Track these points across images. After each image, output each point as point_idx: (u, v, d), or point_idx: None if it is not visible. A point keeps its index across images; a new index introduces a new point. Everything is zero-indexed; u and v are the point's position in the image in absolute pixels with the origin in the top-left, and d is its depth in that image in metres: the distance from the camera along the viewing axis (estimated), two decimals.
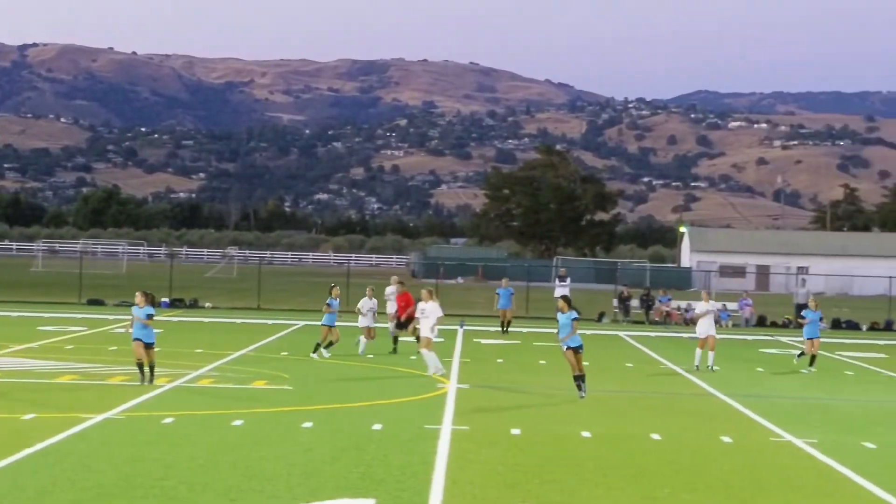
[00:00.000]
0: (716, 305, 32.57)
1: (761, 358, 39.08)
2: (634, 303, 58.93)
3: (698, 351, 32.74)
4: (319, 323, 33.66)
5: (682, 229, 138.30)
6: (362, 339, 34.42)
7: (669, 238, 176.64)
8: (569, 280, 57.18)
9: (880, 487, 16.58)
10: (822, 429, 22.40)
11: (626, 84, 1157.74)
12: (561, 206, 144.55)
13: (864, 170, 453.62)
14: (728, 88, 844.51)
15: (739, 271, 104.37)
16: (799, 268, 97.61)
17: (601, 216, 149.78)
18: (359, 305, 34.69)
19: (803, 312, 34.77)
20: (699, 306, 33.27)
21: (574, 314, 25.79)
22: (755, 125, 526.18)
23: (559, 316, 26.13)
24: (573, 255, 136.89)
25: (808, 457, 19.27)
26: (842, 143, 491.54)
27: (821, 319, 33.23)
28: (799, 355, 34.79)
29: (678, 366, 34.37)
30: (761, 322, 58.20)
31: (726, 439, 20.59)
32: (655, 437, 20.60)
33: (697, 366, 32.61)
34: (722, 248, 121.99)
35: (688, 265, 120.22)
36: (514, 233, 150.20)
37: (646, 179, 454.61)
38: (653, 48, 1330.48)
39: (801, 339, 47.41)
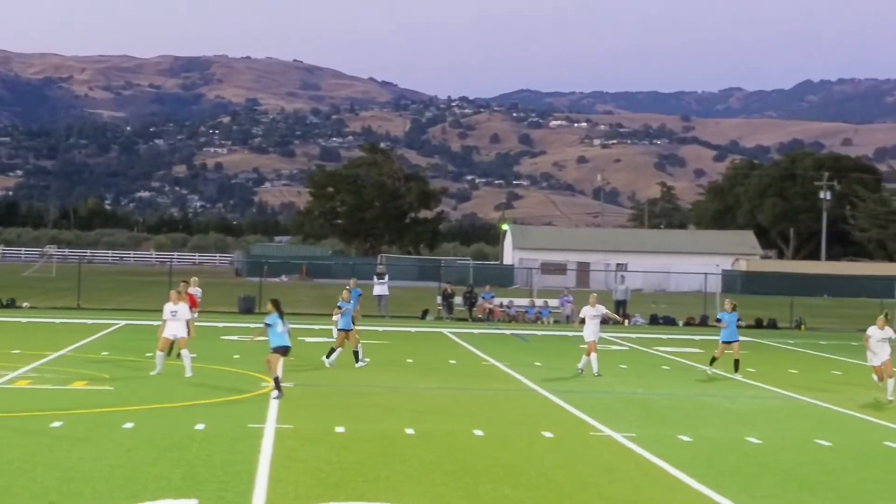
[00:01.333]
0: (602, 310, 32.37)
1: (581, 354, 39.67)
2: (458, 300, 59.35)
3: (585, 357, 32.28)
4: (206, 324, 32.44)
5: (505, 227, 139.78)
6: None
7: (492, 236, 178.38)
8: (387, 278, 57.34)
9: (695, 479, 17.02)
10: (641, 423, 22.87)
11: (449, 83, 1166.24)
12: (385, 204, 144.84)
13: (680, 168, 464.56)
14: (549, 88, 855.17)
15: (560, 268, 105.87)
16: (618, 265, 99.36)
17: (425, 214, 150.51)
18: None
19: (719, 315, 33.77)
20: (585, 310, 32.49)
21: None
22: (575, 124, 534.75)
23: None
24: (397, 253, 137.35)
25: (627, 450, 19.66)
26: (659, 143, 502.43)
27: (738, 321, 32.69)
28: (711, 361, 33.45)
29: (500, 362, 34.75)
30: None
31: (547, 434, 20.89)
32: (478, 433, 20.80)
33: (582, 369, 32.26)
34: (543, 245, 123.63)
35: (510, 263, 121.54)
36: (339, 231, 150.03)
37: (469, 177, 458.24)
38: (476, 48, 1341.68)
39: (623, 335, 48.38)
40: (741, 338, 33.63)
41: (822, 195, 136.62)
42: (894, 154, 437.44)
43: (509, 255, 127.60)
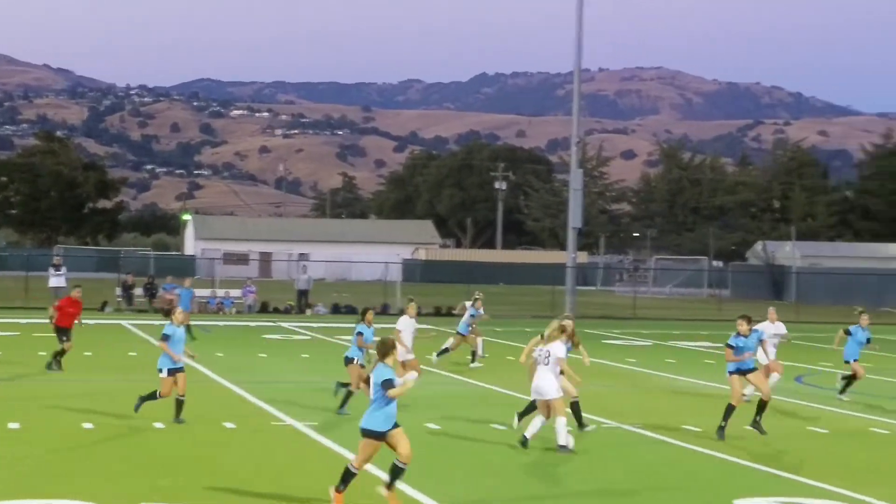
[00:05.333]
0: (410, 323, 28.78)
1: (264, 343, 39.74)
2: (138, 291, 58.40)
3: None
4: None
5: (186, 217, 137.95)
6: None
7: (173, 226, 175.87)
8: (64, 269, 55.89)
9: (377, 466, 17.32)
10: (322, 411, 23.10)
11: (128, 71, 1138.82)
12: (62, 193, 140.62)
13: (361, 158, 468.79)
14: (230, 77, 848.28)
15: (243, 258, 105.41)
16: (300, 254, 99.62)
17: (104, 204, 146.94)
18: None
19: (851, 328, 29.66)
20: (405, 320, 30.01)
21: None
22: (257, 114, 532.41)
23: None
24: (75, 244, 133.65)
25: (309, 439, 19.86)
26: (341, 133, 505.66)
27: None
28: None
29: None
30: (264, 308, 59.12)
31: (229, 426, 20.88)
32: (159, 426, 20.63)
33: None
34: (226, 235, 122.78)
35: (192, 253, 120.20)
36: (14, 221, 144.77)
37: (149, 167, 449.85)
38: (155, 35, 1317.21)
39: (305, 325, 48.52)
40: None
41: (497, 185, 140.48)
42: (565, 146, 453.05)
43: (191, 246, 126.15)
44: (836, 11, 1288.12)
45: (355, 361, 22.95)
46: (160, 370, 21.31)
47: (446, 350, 33.75)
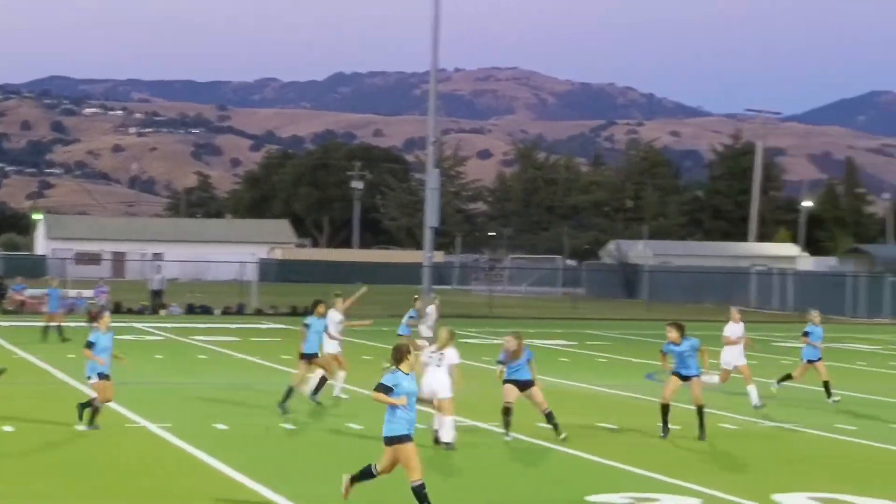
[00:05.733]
0: (337, 317, 27.90)
1: (116, 344, 39.11)
2: None
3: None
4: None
5: (37, 216, 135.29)
6: None
7: (23, 225, 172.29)
8: None
9: (231, 467, 17.25)
10: (177, 413, 22.90)
11: None
12: None
13: (216, 157, 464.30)
14: (83, 74, 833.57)
15: (95, 258, 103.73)
16: (154, 254, 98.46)
17: None
18: None
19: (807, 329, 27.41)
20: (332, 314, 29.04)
21: None
22: (110, 112, 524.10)
23: None
24: None
25: (163, 441, 19.68)
26: (196, 132, 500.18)
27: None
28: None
29: (33, 355, 33.84)
30: (117, 309, 58.24)
31: (81, 428, 20.56)
32: (8, 429, 20.27)
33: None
34: (78, 235, 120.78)
35: (43, 253, 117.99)
36: None
37: None
38: (5, 32, 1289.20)
39: (159, 325, 48.00)
40: None
41: (354, 185, 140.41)
42: (422, 145, 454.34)
43: (42, 246, 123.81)
44: (688, 14, 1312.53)
45: (319, 356, 24.02)
46: (89, 377, 20.85)
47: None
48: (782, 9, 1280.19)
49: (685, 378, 21.43)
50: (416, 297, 35.34)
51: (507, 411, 20.51)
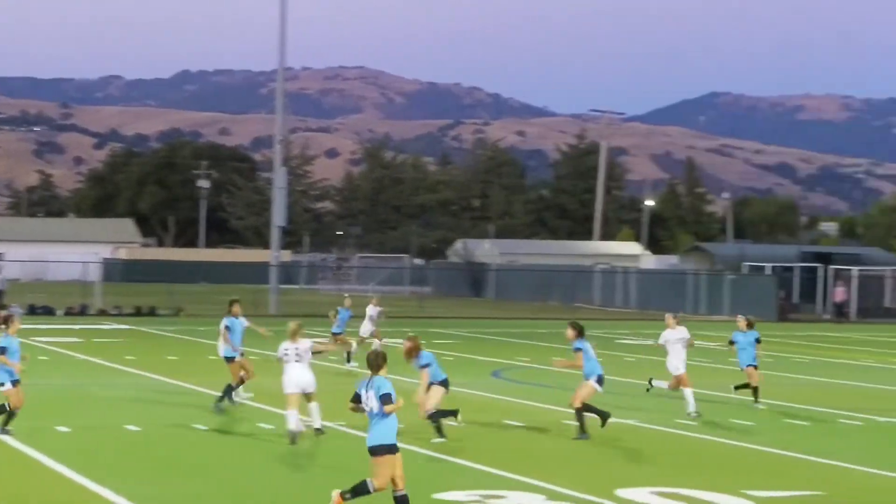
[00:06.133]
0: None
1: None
2: None
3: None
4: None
5: None
6: None
7: None
8: None
9: (75, 471, 16.99)
10: (20, 417, 22.45)
11: None
12: None
13: (59, 156, 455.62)
14: None
15: None
16: None
17: None
18: None
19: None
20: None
21: None
22: None
23: None
24: None
25: (3, 445, 19.29)
26: (37, 129, 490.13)
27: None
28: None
29: None
30: None
31: None
32: None
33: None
34: None
35: None
36: None
37: None
38: None
39: None
40: None
41: (200, 184, 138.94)
42: (269, 144, 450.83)
43: None
44: (534, 15, 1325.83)
45: (236, 360, 23.88)
46: (1, 384, 20.26)
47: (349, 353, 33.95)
48: (625, 12, 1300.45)
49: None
50: (346, 295, 35.90)
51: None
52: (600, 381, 21.16)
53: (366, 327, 35.94)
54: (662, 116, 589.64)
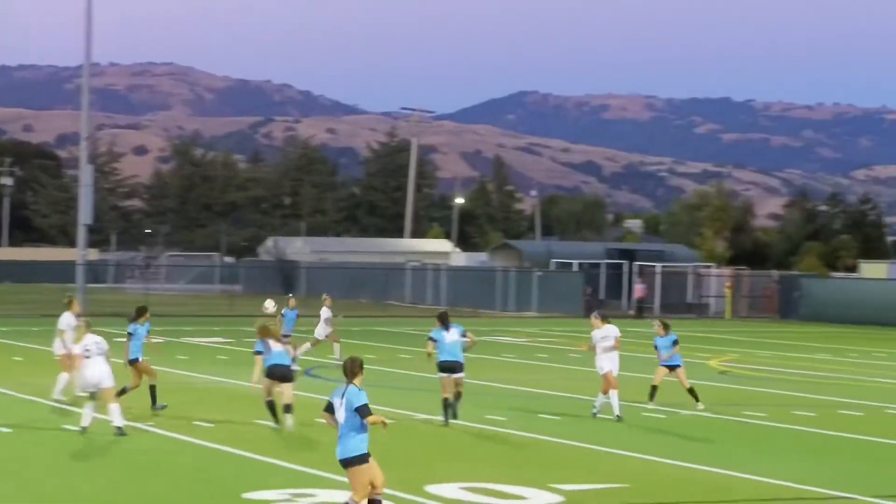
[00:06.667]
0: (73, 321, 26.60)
1: None
2: None
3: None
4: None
5: None
6: None
7: None
8: None
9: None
10: None
11: None
12: None
13: None
14: None
15: None
16: None
17: None
18: None
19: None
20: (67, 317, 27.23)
21: None
22: None
23: None
24: None
25: None
26: None
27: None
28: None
29: None
30: None
31: None
32: None
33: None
34: None
35: None
36: None
37: None
38: None
39: None
40: None
41: (2, 181, 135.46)
42: (75, 141, 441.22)
43: None
44: (343, 13, 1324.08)
45: (140, 360, 24.00)
46: None
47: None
48: (431, 12, 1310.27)
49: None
50: (290, 296, 35.58)
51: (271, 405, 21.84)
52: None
53: (321, 329, 35.66)
54: (471, 115, 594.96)
